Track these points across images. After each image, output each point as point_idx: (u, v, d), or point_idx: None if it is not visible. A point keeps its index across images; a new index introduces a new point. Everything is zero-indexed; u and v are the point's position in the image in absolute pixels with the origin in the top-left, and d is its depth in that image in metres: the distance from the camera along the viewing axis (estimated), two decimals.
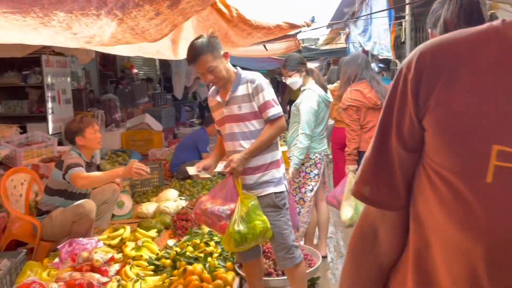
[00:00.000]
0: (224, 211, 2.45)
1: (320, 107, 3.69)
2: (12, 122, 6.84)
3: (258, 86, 2.56)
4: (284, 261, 2.62)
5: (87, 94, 9.50)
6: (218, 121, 2.73)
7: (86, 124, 3.62)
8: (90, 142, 3.63)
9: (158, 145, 8.24)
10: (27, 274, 2.87)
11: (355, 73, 3.71)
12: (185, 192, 5.13)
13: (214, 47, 2.51)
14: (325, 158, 3.82)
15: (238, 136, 2.60)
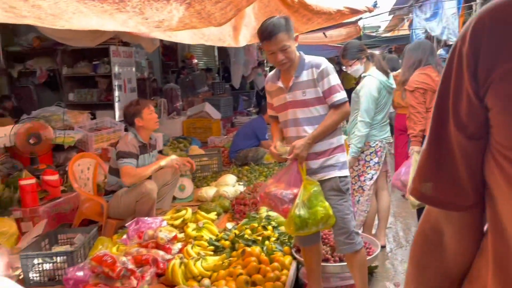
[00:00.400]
0: (287, 195, 2.46)
1: (381, 94, 3.59)
2: (83, 109, 7.31)
3: (324, 71, 2.51)
4: (344, 246, 2.60)
5: (150, 83, 9.91)
6: (279, 107, 2.67)
7: (143, 105, 3.80)
8: (148, 122, 3.79)
9: (216, 133, 8.44)
10: (98, 248, 3.09)
11: (420, 58, 3.67)
12: (243, 178, 5.23)
13: (290, 27, 2.49)
14: (388, 146, 3.72)
15: (302, 121, 2.56)
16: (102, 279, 2.57)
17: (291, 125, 2.62)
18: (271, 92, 2.74)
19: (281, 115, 2.70)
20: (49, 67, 8.44)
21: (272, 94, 2.72)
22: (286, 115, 2.63)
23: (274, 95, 2.70)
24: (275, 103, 2.72)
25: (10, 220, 3.50)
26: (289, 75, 2.57)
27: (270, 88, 2.73)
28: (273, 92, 2.71)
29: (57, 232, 3.37)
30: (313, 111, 2.54)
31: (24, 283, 2.83)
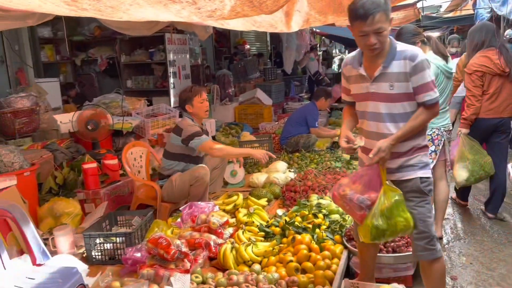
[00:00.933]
0: (364, 201, 2.22)
1: (438, 79, 3.41)
2: (140, 95, 7.59)
3: (419, 65, 2.19)
4: (423, 251, 2.32)
5: (204, 69, 10.07)
6: (358, 96, 2.39)
7: (194, 93, 3.88)
8: (198, 110, 3.89)
9: (268, 119, 8.45)
10: (154, 230, 3.23)
11: (483, 40, 3.72)
12: (294, 164, 5.22)
13: (388, 7, 2.16)
14: (446, 134, 3.54)
15: (385, 117, 2.29)
16: (158, 260, 2.69)
17: (370, 119, 2.35)
18: (349, 77, 2.44)
19: (359, 105, 2.42)
20: (108, 55, 8.83)
21: (350, 80, 2.43)
22: (366, 107, 2.35)
23: (353, 81, 2.40)
24: (353, 90, 2.43)
25: (74, 201, 3.74)
26: (375, 63, 2.26)
27: (349, 73, 2.43)
28: (352, 78, 2.41)
29: (116, 214, 3.55)
30: (399, 108, 2.26)
31: (87, 260, 3.03)
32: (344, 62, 2.48)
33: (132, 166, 4.05)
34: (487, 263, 3.27)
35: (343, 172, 4.64)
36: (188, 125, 3.81)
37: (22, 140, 4.91)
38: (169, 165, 3.93)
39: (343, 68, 2.48)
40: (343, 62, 2.48)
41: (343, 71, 2.48)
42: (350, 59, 2.43)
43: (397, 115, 2.27)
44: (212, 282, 2.58)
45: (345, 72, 2.46)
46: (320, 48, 17.59)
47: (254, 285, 2.39)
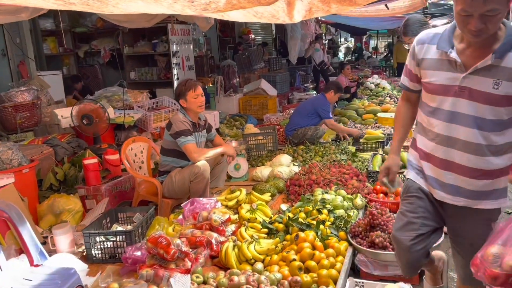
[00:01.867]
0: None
1: None
2: (143, 87, 7.52)
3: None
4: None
5: (208, 60, 9.98)
6: (437, 87, 1.84)
7: (188, 87, 3.78)
8: (191, 105, 3.79)
9: (272, 110, 8.36)
10: (155, 227, 3.17)
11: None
12: (298, 158, 5.13)
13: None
14: None
15: (473, 122, 1.77)
16: (158, 260, 2.63)
17: (453, 121, 1.82)
18: (423, 60, 1.89)
19: (436, 99, 1.86)
20: (111, 46, 8.77)
21: (425, 63, 1.88)
22: (448, 104, 1.82)
23: (432, 66, 1.85)
24: (429, 77, 1.87)
25: (75, 198, 3.70)
26: (479, 50, 1.73)
27: (425, 54, 1.88)
28: (429, 62, 1.86)
29: (117, 211, 3.50)
30: (497, 113, 1.75)
31: (87, 259, 2.99)
32: (418, 39, 1.94)
33: (132, 162, 3.99)
34: None
35: (348, 165, 4.55)
36: (178, 121, 3.73)
37: (23, 135, 4.87)
38: (164, 161, 3.88)
39: (415, 46, 1.94)
40: (417, 39, 1.94)
41: (415, 50, 1.93)
42: (430, 36, 1.89)
43: (490, 122, 1.76)
44: (213, 282, 2.52)
45: (418, 52, 1.92)
46: (326, 37, 17.37)
47: (255, 286, 2.32)
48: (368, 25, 12.07)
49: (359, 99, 8.78)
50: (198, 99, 3.80)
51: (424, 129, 1.95)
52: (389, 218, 3.06)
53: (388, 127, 6.27)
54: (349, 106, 8.04)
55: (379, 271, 2.86)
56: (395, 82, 10.93)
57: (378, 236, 2.90)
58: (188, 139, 3.67)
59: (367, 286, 2.58)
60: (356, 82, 10.12)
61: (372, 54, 19.36)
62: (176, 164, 3.83)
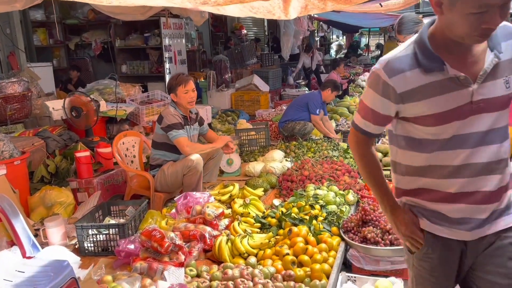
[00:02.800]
0: None
1: None
2: (135, 81, 7.47)
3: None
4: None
5: (200, 55, 9.94)
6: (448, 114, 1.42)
7: (179, 82, 3.76)
8: (181, 100, 3.78)
9: (264, 106, 8.37)
10: (148, 221, 3.17)
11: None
12: (291, 153, 5.16)
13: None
14: None
15: (495, 135, 1.46)
16: (151, 253, 2.64)
17: (476, 144, 1.45)
18: (412, 92, 1.44)
19: (447, 128, 1.44)
20: (103, 39, 8.68)
21: (419, 94, 1.44)
22: (465, 127, 1.44)
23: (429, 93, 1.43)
24: (428, 108, 1.43)
25: (67, 191, 3.67)
26: (469, 53, 1.43)
27: (413, 83, 1.43)
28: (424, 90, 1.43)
29: (110, 204, 3.49)
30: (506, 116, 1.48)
31: (79, 252, 2.98)
32: (387, 70, 1.45)
33: (124, 156, 3.96)
34: None
35: (340, 162, 4.58)
36: (169, 114, 3.73)
37: (13, 127, 4.82)
38: (155, 154, 3.87)
39: (386, 81, 1.45)
40: (382, 71, 1.45)
41: (387, 86, 1.45)
42: (402, 61, 1.45)
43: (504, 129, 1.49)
44: (207, 275, 2.53)
45: (395, 86, 1.44)
46: (318, 33, 17.40)
47: (249, 280, 2.34)
48: (361, 23, 12.12)
49: (350, 97, 8.83)
50: (188, 94, 3.78)
51: (431, 168, 1.51)
52: (381, 214, 3.10)
53: None
54: (341, 103, 8.09)
55: (371, 266, 2.89)
56: None
57: (370, 231, 2.93)
58: (179, 133, 3.66)
59: (359, 280, 2.62)
60: (347, 79, 10.18)
61: (364, 52, 19.44)
62: (167, 158, 3.82)
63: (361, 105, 1.59)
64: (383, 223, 2.97)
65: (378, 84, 1.47)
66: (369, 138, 1.62)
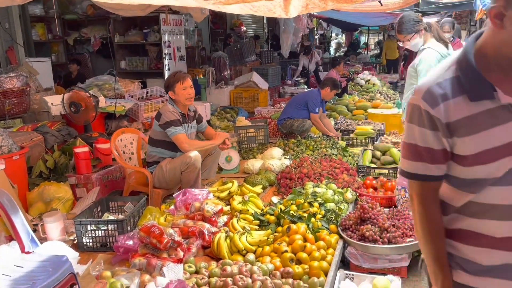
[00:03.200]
0: None
1: None
2: (134, 77, 7.46)
3: None
4: None
5: (199, 51, 9.92)
6: (496, 152, 1.16)
7: (177, 79, 3.77)
8: (179, 97, 3.78)
9: (264, 103, 8.37)
10: (147, 217, 3.17)
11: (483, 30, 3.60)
12: (289, 151, 5.17)
13: None
14: None
15: None
16: (150, 249, 2.64)
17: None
18: (459, 123, 1.18)
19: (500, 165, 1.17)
20: (102, 35, 8.65)
21: (467, 127, 1.18)
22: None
23: (479, 126, 1.17)
24: (479, 144, 1.17)
25: (65, 186, 3.67)
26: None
27: (459, 113, 1.17)
28: (472, 122, 1.17)
29: (108, 200, 3.49)
30: None
31: (78, 247, 2.98)
32: (427, 98, 1.19)
33: (122, 153, 3.96)
34: None
35: (339, 160, 4.59)
36: (167, 111, 3.73)
37: (12, 122, 4.81)
38: (152, 151, 3.86)
39: (428, 111, 1.19)
40: (424, 99, 1.19)
41: (430, 117, 1.19)
42: (443, 87, 1.18)
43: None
44: (206, 272, 2.53)
45: (440, 117, 1.18)
46: (317, 31, 17.38)
47: (248, 276, 2.35)
48: (360, 21, 12.11)
49: (349, 95, 8.84)
50: (186, 91, 3.78)
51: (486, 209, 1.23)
52: (380, 212, 3.11)
53: (378, 123, 6.33)
54: (340, 101, 8.09)
55: (369, 264, 2.90)
56: (385, 79, 11.03)
57: (368, 229, 2.94)
58: (178, 130, 3.66)
59: (357, 278, 2.63)
60: (346, 77, 10.18)
61: (363, 51, 19.46)
62: (164, 155, 3.82)
63: (406, 149, 1.28)
64: (381, 221, 2.99)
65: (421, 117, 1.20)
66: (432, 183, 1.28)
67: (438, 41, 3.40)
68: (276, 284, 2.30)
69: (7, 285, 2.11)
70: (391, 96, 8.49)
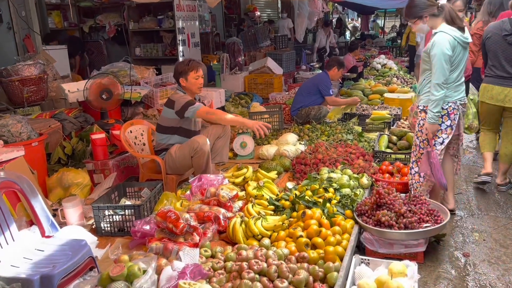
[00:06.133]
0: None
1: (456, 52, 3.23)
2: (148, 63, 7.48)
3: None
4: None
5: (213, 37, 9.87)
6: None
7: (191, 67, 3.78)
8: (191, 85, 3.81)
9: (278, 89, 8.31)
10: (163, 202, 3.21)
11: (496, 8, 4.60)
12: (304, 137, 5.14)
13: None
14: (461, 107, 3.40)
15: None
16: (167, 234, 2.68)
17: None
18: None
19: None
20: (117, 22, 8.68)
21: None
22: None
23: None
24: None
25: (83, 172, 3.73)
26: None
27: None
28: None
29: (125, 185, 3.53)
30: None
31: (96, 232, 3.04)
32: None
33: (133, 144, 3.94)
34: (500, 240, 3.21)
35: (355, 145, 4.55)
36: (180, 97, 3.75)
37: (30, 109, 4.88)
38: (161, 139, 3.87)
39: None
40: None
41: None
42: None
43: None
44: (221, 256, 2.56)
45: None
46: (333, 15, 17.12)
47: (263, 261, 2.36)
48: (376, 4, 11.88)
49: (365, 79, 8.72)
50: (198, 81, 3.82)
51: None
52: (396, 198, 3.08)
53: (395, 108, 6.24)
54: (356, 86, 7.99)
55: (385, 249, 2.89)
56: (402, 63, 10.82)
57: (384, 215, 2.92)
58: (196, 106, 3.70)
59: (373, 263, 2.62)
60: (362, 62, 10.03)
61: (380, 34, 19.10)
62: (172, 141, 3.83)
63: None
64: (397, 207, 2.96)
65: None
66: None
67: (450, 24, 3.28)
68: (291, 269, 2.31)
69: (28, 268, 2.17)
70: (408, 80, 8.34)
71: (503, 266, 2.86)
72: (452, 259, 2.97)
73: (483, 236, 3.28)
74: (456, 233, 3.35)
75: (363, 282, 2.31)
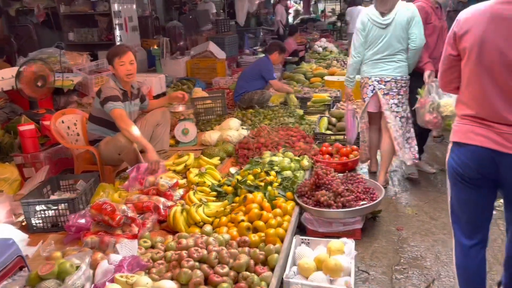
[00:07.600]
0: None
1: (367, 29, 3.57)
2: (84, 49, 7.09)
3: None
4: None
5: (153, 21, 9.54)
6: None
7: (116, 53, 3.54)
8: (118, 73, 3.57)
9: (221, 74, 8.22)
10: (100, 194, 3.08)
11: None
12: (247, 121, 5.14)
13: None
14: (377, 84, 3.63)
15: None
16: (103, 227, 2.58)
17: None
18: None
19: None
20: (46, 4, 8.12)
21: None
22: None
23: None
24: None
25: (11, 166, 3.50)
26: None
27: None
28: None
29: (59, 178, 3.36)
30: None
31: (27, 229, 2.87)
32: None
33: (66, 135, 3.73)
34: (430, 212, 3.41)
35: (296, 128, 4.61)
36: (107, 87, 3.53)
37: None
38: (91, 130, 3.69)
39: None
40: None
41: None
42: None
43: None
44: (162, 246, 2.51)
45: None
46: None
47: (204, 248, 2.34)
48: None
49: (307, 63, 8.84)
50: (124, 67, 3.53)
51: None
52: (334, 178, 3.17)
53: (335, 90, 6.39)
54: (298, 69, 8.08)
55: (324, 228, 2.97)
56: (342, 46, 11.08)
57: (323, 195, 2.99)
58: (115, 105, 3.43)
59: (312, 242, 2.69)
60: (304, 45, 10.15)
61: (321, 18, 19.38)
62: (103, 134, 3.64)
63: None
64: (335, 186, 3.04)
65: None
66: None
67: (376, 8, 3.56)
68: (232, 254, 2.31)
69: None
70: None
71: (432, 237, 3.04)
72: (387, 234, 3.12)
73: (415, 210, 3.46)
74: (391, 209, 3.51)
75: (302, 262, 2.36)
